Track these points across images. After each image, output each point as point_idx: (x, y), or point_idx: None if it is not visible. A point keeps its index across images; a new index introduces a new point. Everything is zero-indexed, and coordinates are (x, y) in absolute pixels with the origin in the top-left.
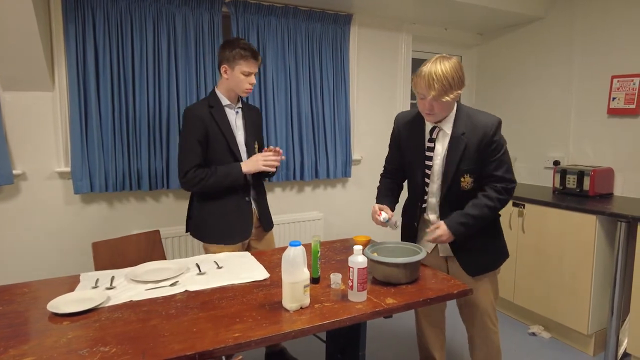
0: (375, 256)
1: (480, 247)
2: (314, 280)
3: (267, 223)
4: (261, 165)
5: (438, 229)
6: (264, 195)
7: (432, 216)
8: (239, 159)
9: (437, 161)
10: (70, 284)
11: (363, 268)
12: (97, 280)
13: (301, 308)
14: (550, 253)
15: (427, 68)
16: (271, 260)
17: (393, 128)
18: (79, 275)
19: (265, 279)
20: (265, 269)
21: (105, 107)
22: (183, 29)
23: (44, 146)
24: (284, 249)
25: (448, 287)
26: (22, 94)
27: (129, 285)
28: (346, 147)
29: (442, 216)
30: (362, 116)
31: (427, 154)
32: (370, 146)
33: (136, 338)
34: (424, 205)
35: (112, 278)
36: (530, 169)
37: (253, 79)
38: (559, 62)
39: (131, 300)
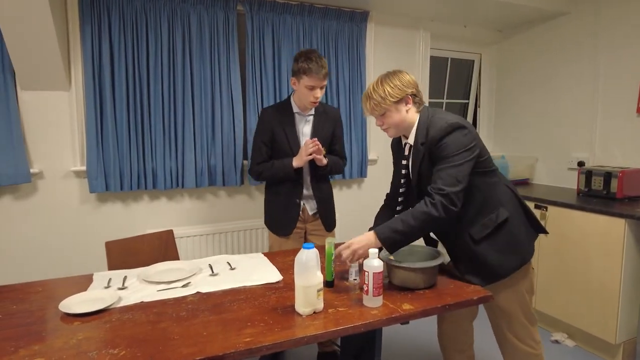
0: (391, 260)
1: (475, 254)
2: (328, 284)
3: (328, 224)
4: (304, 155)
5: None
6: (327, 197)
7: None
8: None
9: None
10: (84, 283)
11: (379, 272)
12: (109, 280)
13: (314, 313)
14: (575, 257)
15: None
16: (284, 261)
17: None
18: (92, 274)
19: (278, 282)
20: (279, 270)
21: (120, 107)
22: (198, 27)
23: (60, 145)
24: (297, 250)
25: (467, 293)
26: (40, 93)
27: (141, 286)
28: (362, 147)
29: None
30: None
31: (402, 171)
32: (387, 146)
33: (145, 341)
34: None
35: (125, 278)
36: (552, 169)
37: (318, 93)
38: (584, 59)
39: (142, 301)
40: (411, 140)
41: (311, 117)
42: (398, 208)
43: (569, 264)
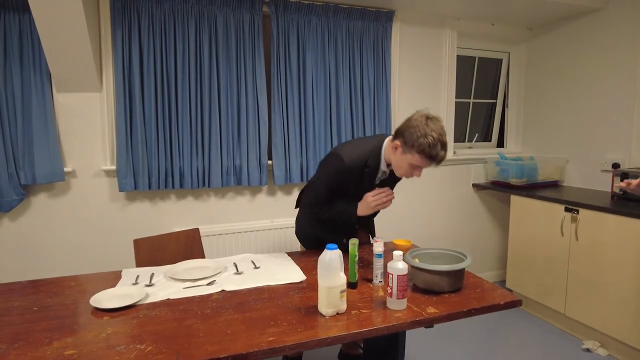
0: (416, 262)
1: None
2: (352, 285)
3: (372, 233)
4: (373, 206)
5: None
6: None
7: None
8: None
9: None
10: (113, 279)
11: (403, 275)
12: (137, 277)
13: (337, 314)
14: (608, 263)
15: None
16: (308, 262)
17: None
18: (121, 271)
19: (301, 282)
20: (302, 271)
21: (149, 108)
22: (224, 29)
23: (91, 145)
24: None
25: (494, 298)
26: (73, 95)
27: (168, 283)
28: None
29: None
30: (404, 115)
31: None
32: None
33: (171, 337)
34: None
35: (152, 275)
36: (584, 171)
37: (419, 173)
38: (621, 56)
39: (168, 299)
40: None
41: (388, 170)
42: None
43: (602, 269)
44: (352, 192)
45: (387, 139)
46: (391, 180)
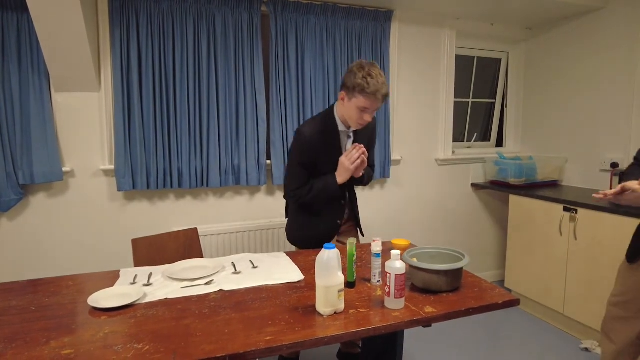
0: (414, 262)
1: None
2: (350, 285)
3: (357, 223)
4: (349, 166)
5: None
6: (356, 200)
7: None
8: None
9: None
10: (111, 278)
11: (401, 274)
12: (135, 277)
13: (335, 313)
14: (607, 262)
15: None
16: (306, 261)
17: None
18: (119, 270)
19: (299, 281)
20: (300, 270)
21: (147, 107)
22: (223, 29)
23: (90, 144)
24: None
25: (492, 297)
26: (71, 94)
27: (166, 283)
28: (385, 147)
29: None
30: (403, 116)
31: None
32: (411, 146)
33: (169, 336)
34: None
35: (150, 275)
36: (583, 171)
37: (369, 117)
38: (619, 56)
39: (166, 298)
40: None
41: (353, 133)
42: None
43: (600, 268)
44: (330, 166)
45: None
46: (361, 141)
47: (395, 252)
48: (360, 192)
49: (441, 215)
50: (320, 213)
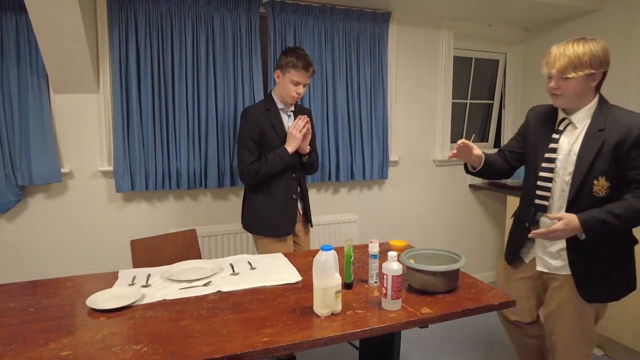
0: (411, 263)
1: (606, 269)
2: (347, 286)
3: (309, 219)
4: (297, 134)
5: (560, 220)
6: (307, 193)
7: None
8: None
9: (560, 157)
10: (110, 280)
11: (398, 275)
12: (133, 278)
13: (332, 314)
14: None
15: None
16: (304, 262)
17: (525, 119)
18: (118, 271)
19: (297, 282)
20: (298, 271)
21: (146, 109)
22: (221, 30)
23: (89, 146)
24: (317, 251)
25: (488, 298)
26: (70, 96)
27: (164, 284)
28: (383, 148)
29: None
30: (401, 117)
31: (552, 145)
32: (409, 147)
33: (167, 337)
34: (538, 210)
35: (148, 276)
36: None
37: (301, 89)
38: (615, 58)
39: (165, 299)
40: (577, 121)
41: (292, 113)
42: (539, 193)
43: None
44: (277, 141)
45: None
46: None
47: (392, 254)
48: (359, 193)
49: (439, 216)
50: (274, 192)
